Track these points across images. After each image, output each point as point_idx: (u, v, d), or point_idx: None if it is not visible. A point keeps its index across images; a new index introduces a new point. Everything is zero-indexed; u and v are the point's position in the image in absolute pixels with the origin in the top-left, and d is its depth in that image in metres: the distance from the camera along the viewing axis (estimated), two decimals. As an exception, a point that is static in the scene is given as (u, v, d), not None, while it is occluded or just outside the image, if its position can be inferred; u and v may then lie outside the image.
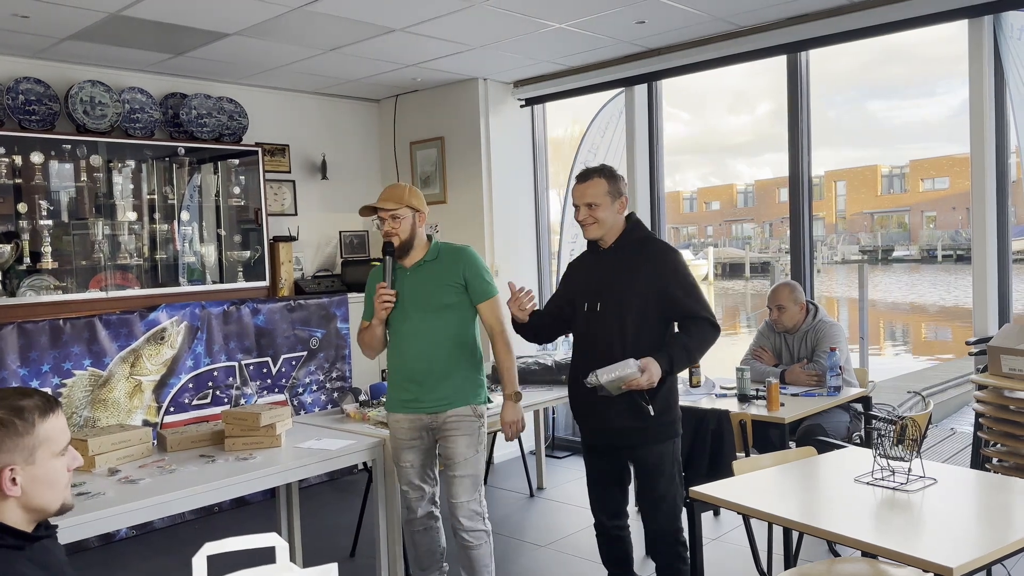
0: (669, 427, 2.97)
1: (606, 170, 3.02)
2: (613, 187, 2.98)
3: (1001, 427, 3.73)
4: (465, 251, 3.19)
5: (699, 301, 2.92)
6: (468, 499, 3.10)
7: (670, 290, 2.90)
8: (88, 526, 2.50)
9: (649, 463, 2.97)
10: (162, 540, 4.40)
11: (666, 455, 2.97)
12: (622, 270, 2.96)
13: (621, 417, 2.91)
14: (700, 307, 2.90)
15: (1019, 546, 2.10)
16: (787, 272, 4.89)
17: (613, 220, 2.99)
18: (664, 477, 2.97)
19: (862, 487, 2.54)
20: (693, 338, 2.89)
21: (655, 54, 4.98)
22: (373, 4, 3.90)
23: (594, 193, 2.96)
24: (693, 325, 2.90)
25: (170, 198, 5.01)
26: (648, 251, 2.98)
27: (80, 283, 4.61)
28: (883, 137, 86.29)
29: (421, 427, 3.13)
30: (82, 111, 4.61)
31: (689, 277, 2.95)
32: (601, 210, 2.96)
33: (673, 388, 3.00)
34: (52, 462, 1.55)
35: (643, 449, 2.96)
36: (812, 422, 3.77)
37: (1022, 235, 4.20)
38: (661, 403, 2.91)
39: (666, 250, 3.02)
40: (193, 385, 4.61)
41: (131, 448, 3.07)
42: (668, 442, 2.97)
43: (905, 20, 4.09)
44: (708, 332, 2.89)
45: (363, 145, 6.22)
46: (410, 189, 3.13)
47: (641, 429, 2.91)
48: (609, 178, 2.99)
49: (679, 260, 2.98)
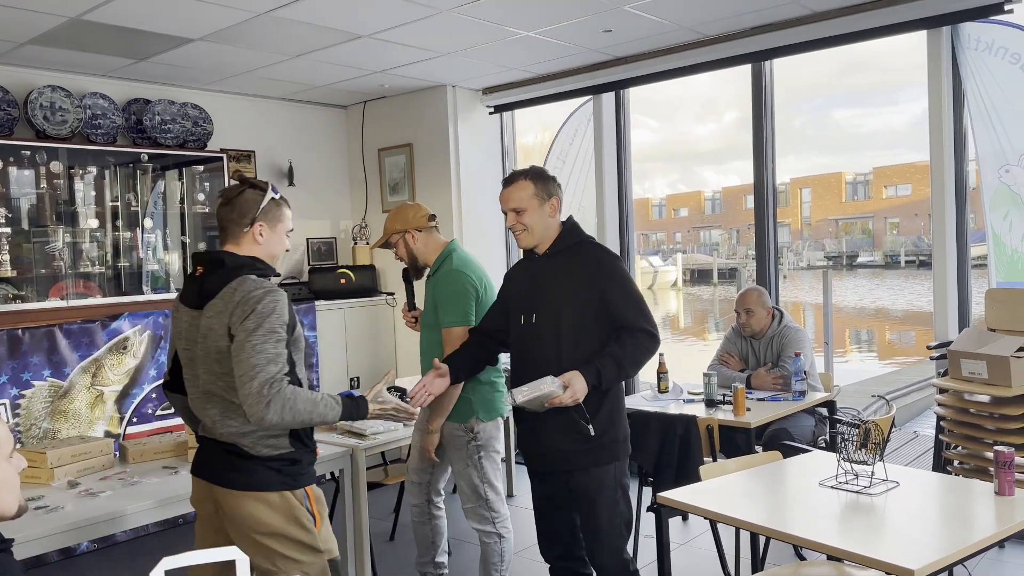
0: (611, 448, 2.69)
1: (533, 171, 2.78)
2: (540, 189, 2.74)
3: (962, 430, 3.80)
4: (450, 274, 3.13)
5: (637, 309, 2.66)
6: (470, 505, 3.19)
7: (607, 296, 2.65)
8: (47, 540, 2.45)
9: (589, 488, 2.69)
10: (125, 553, 4.32)
11: (607, 480, 2.68)
12: (557, 279, 2.71)
13: (558, 437, 2.66)
14: (637, 316, 2.65)
15: (980, 546, 2.14)
16: (754, 278, 4.94)
17: (544, 225, 2.74)
18: (604, 505, 2.69)
19: (827, 491, 2.57)
20: (627, 349, 2.62)
21: (622, 62, 5.02)
22: (340, 10, 3.89)
23: (519, 197, 2.73)
24: (628, 335, 2.63)
25: (133, 205, 4.93)
26: (584, 257, 2.72)
27: (40, 292, 4.52)
28: (848, 145, 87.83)
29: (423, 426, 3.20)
30: (42, 117, 4.52)
31: (628, 283, 2.71)
32: (528, 215, 2.72)
33: (617, 406, 2.73)
34: (2, 464, 1.52)
35: (582, 473, 2.68)
36: (778, 426, 3.81)
37: (981, 241, 4.28)
38: (603, 422, 2.65)
39: (603, 255, 2.75)
40: (156, 395, 4.54)
41: (92, 460, 3.01)
42: (609, 465, 2.68)
43: (866, 30, 4.16)
44: (644, 343, 2.64)
45: (331, 152, 6.18)
46: (394, 212, 3.24)
47: (580, 451, 2.65)
48: (536, 179, 2.75)
49: (617, 265, 2.73)
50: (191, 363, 2.24)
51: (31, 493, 2.74)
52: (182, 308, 2.29)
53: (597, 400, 2.63)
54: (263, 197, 2.26)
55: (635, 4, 3.97)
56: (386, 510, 4.70)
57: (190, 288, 2.26)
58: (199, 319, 2.20)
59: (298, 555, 2.18)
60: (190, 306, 2.24)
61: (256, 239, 2.26)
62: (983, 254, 4.22)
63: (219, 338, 2.13)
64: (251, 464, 2.16)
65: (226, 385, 2.15)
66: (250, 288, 2.14)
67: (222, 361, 2.13)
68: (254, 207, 2.24)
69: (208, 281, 2.19)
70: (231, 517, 2.18)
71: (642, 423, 3.70)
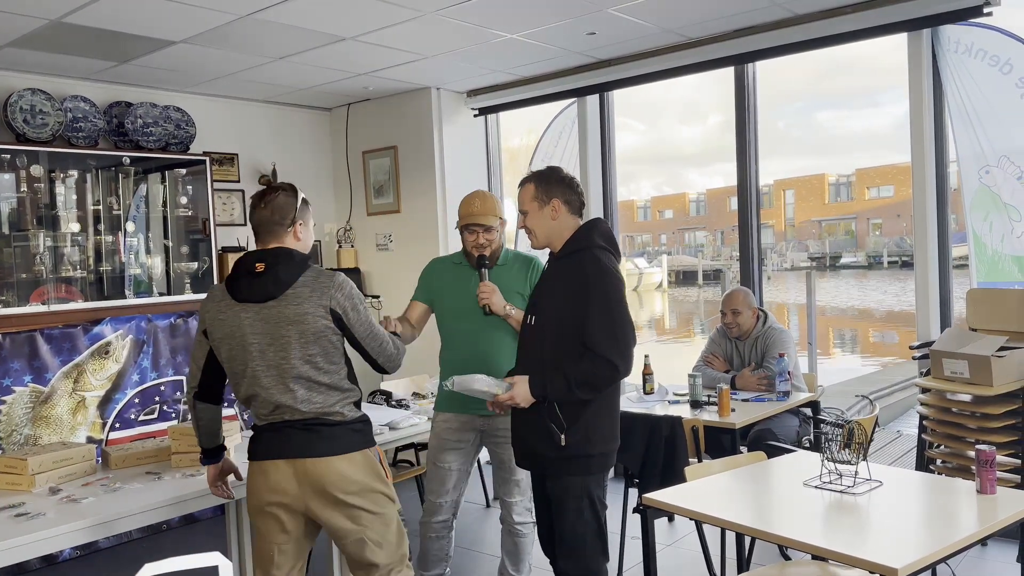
0: (582, 461, 2.60)
1: (540, 173, 2.71)
2: (541, 191, 2.66)
3: (944, 429, 3.83)
4: (535, 261, 3.19)
5: (609, 335, 2.51)
6: (521, 498, 3.24)
7: (585, 312, 2.53)
8: (28, 547, 2.42)
9: (556, 493, 2.66)
10: (107, 560, 4.28)
11: (571, 490, 2.62)
12: (556, 284, 2.66)
13: (532, 439, 2.64)
14: (606, 343, 2.50)
15: (962, 545, 2.16)
16: (738, 279, 4.97)
17: (548, 227, 2.68)
18: (567, 514, 2.64)
19: (811, 491, 2.58)
20: (582, 372, 2.51)
21: (606, 65, 5.03)
22: (323, 13, 3.87)
23: (522, 199, 2.71)
24: (590, 361, 2.52)
25: (115, 209, 4.89)
26: (578, 266, 2.61)
27: (21, 296, 4.47)
28: (830, 147, 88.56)
29: (472, 428, 3.18)
30: (22, 120, 4.48)
31: (610, 304, 2.54)
32: (530, 217, 2.69)
33: (596, 423, 2.61)
34: None
35: (552, 480, 2.67)
36: (762, 427, 3.83)
37: (962, 242, 4.32)
38: (577, 434, 2.56)
39: (595, 269, 2.59)
40: (139, 400, 4.50)
41: (73, 466, 2.98)
42: (577, 477, 2.61)
43: (847, 33, 4.19)
44: (603, 373, 2.52)
45: (315, 154, 6.16)
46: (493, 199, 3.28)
47: (550, 457, 2.60)
48: (539, 182, 2.68)
49: (605, 282, 2.56)
50: (262, 354, 2.40)
51: (12, 500, 2.71)
52: (236, 306, 2.42)
53: (575, 411, 2.58)
54: (297, 199, 2.55)
55: (619, 7, 3.98)
56: (372, 514, 4.68)
57: (253, 283, 2.41)
58: (273, 310, 2.39)
59: (380, 508, 2.48)
60: (255, 300, 2.40)
61: (297, 236, 2.54)
62: (964, 255, 4.26)
63: (317, 319, 2.39)
64: (336, 431, 2.44)
65: (313, 365, 2.40)
66: (331, 274, 2.47)
67: (319, 341, 2.40)
68: (292, 209, 2.52)
69: (283, 273, 2.41)
70: (322, 485, 2.40)
71: (628, 424, 3.68)
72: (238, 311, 2.42)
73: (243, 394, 2.50)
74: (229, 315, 2.43)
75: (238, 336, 2.42)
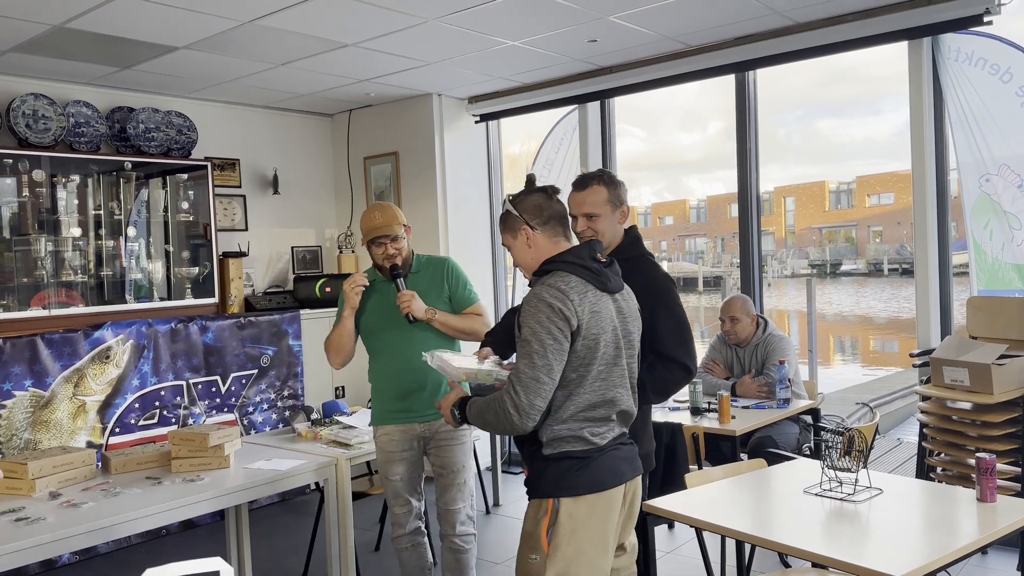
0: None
1: (606, 176, 2.66)
2: (613, 194, 2.62)
3: (944, 437, 3.82)
4: (448, 260, 3.24)
5: (680, 337, 2.52)
6: (463, 505, 3.14)
7: (653, 315, 2.47)
8: (28, 552, 2.42)
9: None
10: (107, 565, 4.27)
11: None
12: None
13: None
14: (677, 344, 2.50)
15: (962, 553, 2.15)
16: (738, 286, 4.97)
17: (613, 232, 2.63)
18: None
19: (811, 498, 2.58)
20: (660, 379, 2.50)
21: (607, 72, 5.04)
22: (325, 19, 3.88)
23: (593, 202, 2.60)
24: (661, 365, 2.50)
25: (116, 213, 4.90)
26: (640, 270, 2.55)
27: (22, 301, 4.48)
28: (831, 154, 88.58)
29: (413, 437, 3.14)
30: (24, 125, 4.49)
31: (677, 308, 2.56)
32: (601, 221, 2.60)
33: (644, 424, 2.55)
34: None
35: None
36: (762, 434, 3.83)
37: (962, 250, 4.32)
38: None
39: (658, 273, 2.62)
40: (139, 405, 4.50)
41: (74, 471, 2.98)
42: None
43: (847, 41, 4.21)
44: (677, 376, 2.53)
45: (316, 160, 6.17)
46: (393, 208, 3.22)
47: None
48: (609, 185, 2.63)
49: (670, 288, 2.58)
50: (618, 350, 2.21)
51: (12, 504, 2.71)
52: (605, 297, 2.21)
53: None
54: None
55: (620, 14, 3.99)
56: (371, 520, 4.68)
57: (605, 272, 2.23)
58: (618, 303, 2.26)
59: None
60: (610, 291, 2.23)
61: None
62: (965, 262, 4.26)
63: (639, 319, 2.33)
64: None
65: None
66: None
67: None
68: None
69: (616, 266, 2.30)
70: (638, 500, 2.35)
71: (628, 431, 3.71)
72: (604, 301, 2.20)
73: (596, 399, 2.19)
74: (597, 305, 2.17)
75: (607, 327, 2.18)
